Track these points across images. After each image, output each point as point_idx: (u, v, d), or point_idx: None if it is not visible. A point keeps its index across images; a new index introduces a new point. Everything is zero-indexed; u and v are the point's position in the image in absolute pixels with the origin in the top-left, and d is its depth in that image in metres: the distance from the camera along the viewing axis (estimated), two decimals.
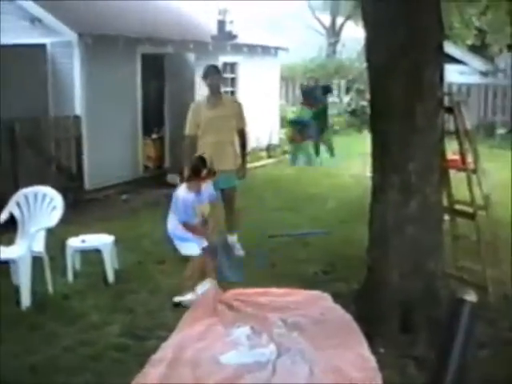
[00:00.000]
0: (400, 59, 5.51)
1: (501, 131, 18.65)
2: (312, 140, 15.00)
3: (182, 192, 6.63)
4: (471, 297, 1.81)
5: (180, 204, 6.57)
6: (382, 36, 5.66)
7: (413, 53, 5.46)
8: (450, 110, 6.23)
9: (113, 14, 11.83)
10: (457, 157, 6.64)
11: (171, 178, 11.64)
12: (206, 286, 6.59)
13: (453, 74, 17.98)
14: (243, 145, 8.07)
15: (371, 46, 5.86)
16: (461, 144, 6.34)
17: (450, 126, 6.58)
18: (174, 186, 9.71)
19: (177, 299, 6.48)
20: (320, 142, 15.17)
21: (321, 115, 15.29)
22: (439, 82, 5.77)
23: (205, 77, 7.83)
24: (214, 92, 7.81)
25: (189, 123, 7.78)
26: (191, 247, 6.67)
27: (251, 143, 15.33)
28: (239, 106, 8.08)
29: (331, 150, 15.35)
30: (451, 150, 6.61)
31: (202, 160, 6.62)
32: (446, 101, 6.19)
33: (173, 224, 6.70)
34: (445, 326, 1.83)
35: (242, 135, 8.04)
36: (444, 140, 6.06)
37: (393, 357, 5.32)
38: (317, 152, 15.10)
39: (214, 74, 7.80)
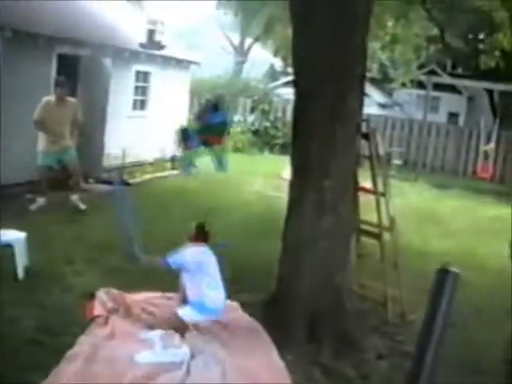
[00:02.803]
0: (327, 84, 5.86)
1: (397, 162, 19.53)
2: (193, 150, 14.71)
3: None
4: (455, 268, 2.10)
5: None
6: (311, 60, 5.99)
7: (339, 79, 5.83)
8: (365, 136, 6.64)
9: (34, 11, 11.68)
10: (367, 184, 7.03)
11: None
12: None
13: None
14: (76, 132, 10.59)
15: (300, 70, 6.18)
16: (373, 168, 6.76)
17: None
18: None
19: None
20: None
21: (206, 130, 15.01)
22: (358, 110, 6.19)
23: (55, 86, 10.47)
24: (60, 99, 10.17)
25: (39, 113, 10.03)
26: None
27: (156, 153, 15.49)
28: (76, 105, 10.58)
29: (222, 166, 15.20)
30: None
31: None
32: (363, 127, 6.60)
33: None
34: (431, 294, 2.09)
35: (78, 125, 10.54)
36: (358, 164, 6.46)
37: (300, 363, 5.62)
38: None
39: (60, 87, 10.23)
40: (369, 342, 6.20)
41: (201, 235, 6.42)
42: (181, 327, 6.06)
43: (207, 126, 11.33)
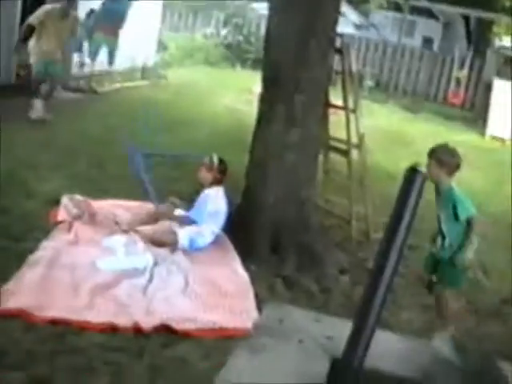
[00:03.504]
0: None
1: (369, 83, 19.40)
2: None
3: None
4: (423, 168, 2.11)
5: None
6: None
7: None
8: (339, 51, 6.54)
9: None
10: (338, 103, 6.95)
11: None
12: None
13: None
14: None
15: None
16: (344, 83, 6.67)
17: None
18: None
19: None
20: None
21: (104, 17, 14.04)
22: (333, 24, 6.07)
23: None
24: (64, 12, 9.87)
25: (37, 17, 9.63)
26: None
27: (126, 62, 15.16)
28: (77, 20, 10.61)
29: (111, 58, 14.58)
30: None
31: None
32: (337, 42, 6.49)
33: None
34: (400, 191, 2.08)
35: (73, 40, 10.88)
36: (330, 79, 6.39)
37: (263, 274, 5.67)
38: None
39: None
40: (332, 257, 6.26)
41: (223, 176, 6.35)
42: None
43: (106, 13, 11.66)
